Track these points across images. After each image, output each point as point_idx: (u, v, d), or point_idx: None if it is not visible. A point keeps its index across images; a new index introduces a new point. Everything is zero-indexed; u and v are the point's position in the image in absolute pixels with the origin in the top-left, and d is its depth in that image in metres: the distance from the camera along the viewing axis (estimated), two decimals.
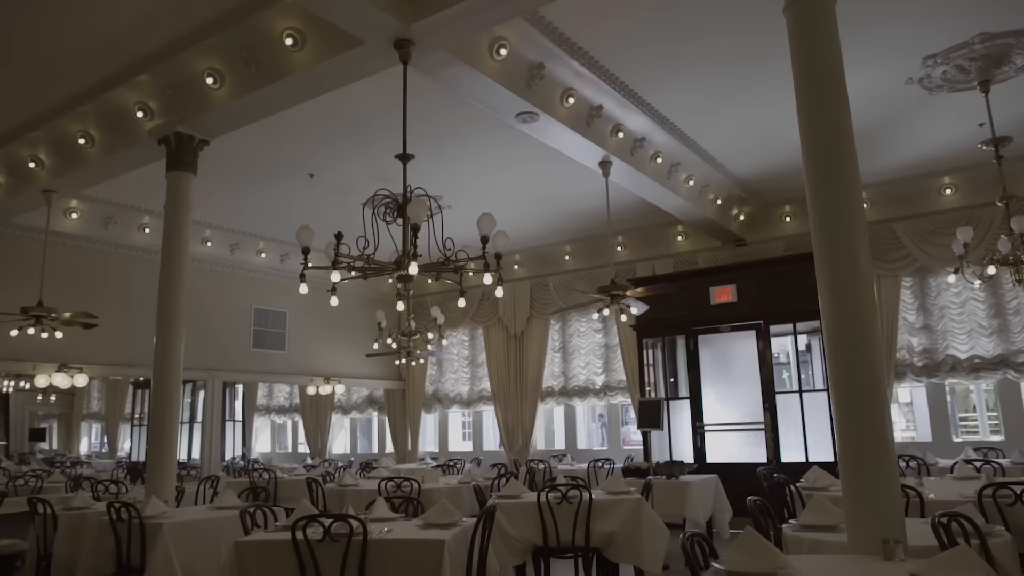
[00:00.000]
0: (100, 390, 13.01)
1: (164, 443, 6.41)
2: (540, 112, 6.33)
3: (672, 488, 7.31)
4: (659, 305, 9.86)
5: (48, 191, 8.05)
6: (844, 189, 3.46)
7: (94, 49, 6.00)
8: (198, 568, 5.12)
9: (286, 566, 3.98)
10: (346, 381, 13.35)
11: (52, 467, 10.78)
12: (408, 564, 3.95)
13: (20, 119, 7.26)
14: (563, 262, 12.37)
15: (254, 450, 14.56)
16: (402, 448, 14.11)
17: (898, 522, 3.08)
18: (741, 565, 2.68)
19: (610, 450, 11.82)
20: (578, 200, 9.78)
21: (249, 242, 11.48)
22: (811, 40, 3.61)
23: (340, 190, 9.00)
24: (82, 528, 5.72)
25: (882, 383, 3.24)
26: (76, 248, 9.65)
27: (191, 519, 5.40)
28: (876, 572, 2.65)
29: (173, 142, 6.63)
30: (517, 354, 12.87)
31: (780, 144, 8.10)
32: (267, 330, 12.18)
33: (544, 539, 5.54)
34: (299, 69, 5.58)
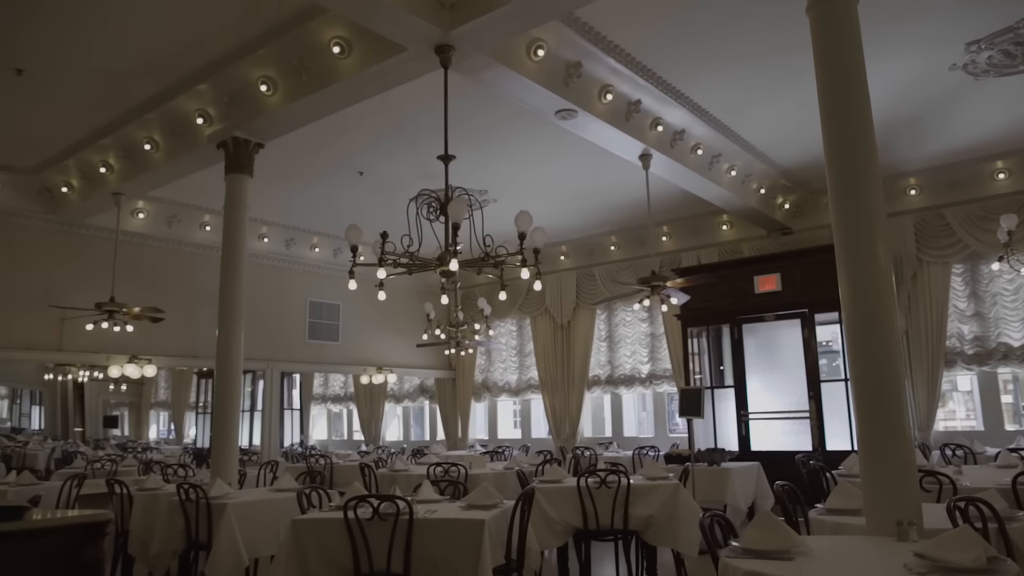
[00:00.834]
0: (167, 380, 13.72)
1: (227, 430, 6.83)
2: (579, 109, 6.50)
3: (713, 475, 7.43)
4: (703, 294, 9.94)
5: (117, 194, 8.60)
6: (865, 186, 3.56)
7: (158, 62, 6.42)
8: (259, 544, 5.48)
9: (339, 542, 4.28)
10: (398, 371, 13.74)
11: (125, 452, 11.45)
12: (450, 542, 4.20)
13: (92, 128, 7.80)
14: (608, 252, 12.50)
15: (311, 437, 15.14)
16: (453, 435, 14.47)
17: (914, 506, 3.20)
18: (756, 543, 2.85)
19: (656, 438, 11.95)
20: (620, 191, 9.90)
21: (303, 237, 11.94)
22: (833, 39, 3.70)
23: (388, 187, 9.32)
24: (155, 507, 6.13)
25: (898, 373, 3.35)
26: (143, 246, 10.22)
27: (253, 500, 5.76)
28: (884, 551, 2.79)
29: (230, 146, 7.03)
30: (564, 343, 13.07)
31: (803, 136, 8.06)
32: (321, 322, 12.64)
33: (584, 522, 5.75)
34: (346, 75, 5.88)
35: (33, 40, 6.03)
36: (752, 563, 2.66)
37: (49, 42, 6.06)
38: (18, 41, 6.03)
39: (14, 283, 9.06)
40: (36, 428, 13.28)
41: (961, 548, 2.49)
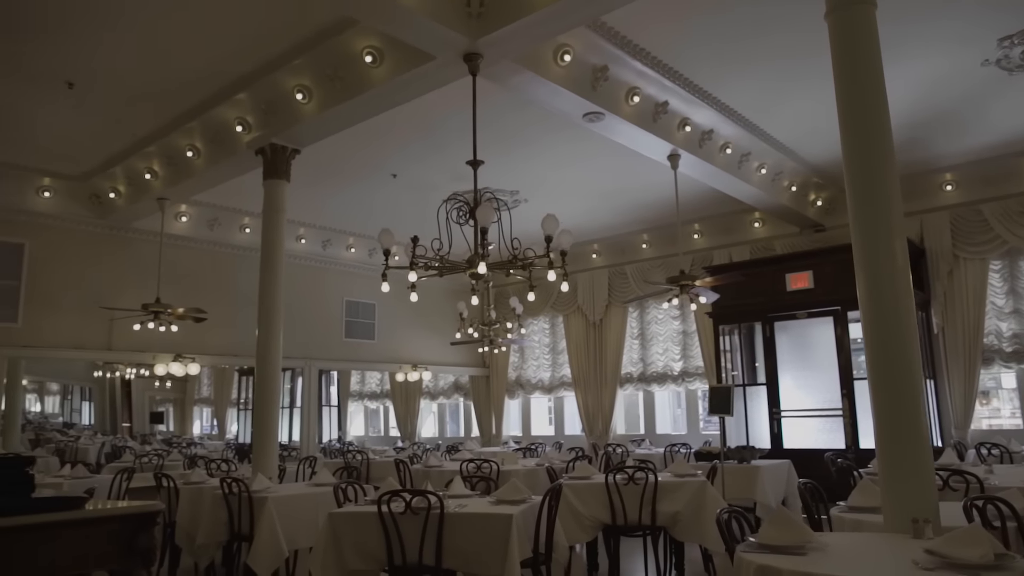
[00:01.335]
0: (210, 377, 14.14)
1: (267, 427, 7.09)
2: (606, 112, 6.59)
3: (743, 472, 7.47)
4: (734, 292, 9.95)
5: (162, 199, 8.94)
6: (883, 190, 3.60)
7: (199, 73, 6.69)
8: (298, 536, 5.70)
9: (373, 535, 4.46)
10: (432, 368, 13.96)
11: (170, 447, 11.85)
12: (480, 536, 4.35)
13: (137, 136, 8.13)
14: (640, 250, 12.55)
15: (349, 433, 15.46)
16: (487, 432, 14.65)
17: (931, 504, 3.25)
18: (771, 538, 2.94)
19: (689, 435, 11.98)
20: (651, 190, 9.95)
21: (339, 238, 12.21)
22: (851, 45, 3.75)
23: (420, 188, 9.51)
24: (199, 500, 6.39)
25: (916, 373, 3.41)
26: (186, 248, 10.57)
27: (292, 494, 5.99)
28: (898, 548, 2.86)
29: (268, 152, 7.27)
30: (596, 341, 13.15)
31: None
32: (358, 321, 12.91)
33: (612, 518, 5.86)
34: (378, 83, 6.06)
35: (83, 55, 6.33)
36: (766, 557, 2.76)
37: (97, 57, 6.36)
38: (69, 57, 6.34)
39: (66, 285, 9.46)
40: (86, 423, 13.82)
41: (970, 545, 2.56)
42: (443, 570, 4.39)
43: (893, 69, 6.53)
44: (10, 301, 9.05)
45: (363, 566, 4.55)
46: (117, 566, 2.45)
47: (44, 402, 14.07)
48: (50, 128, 7.85)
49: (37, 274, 9.28)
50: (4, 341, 8.93)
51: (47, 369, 12.32)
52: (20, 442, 10.43)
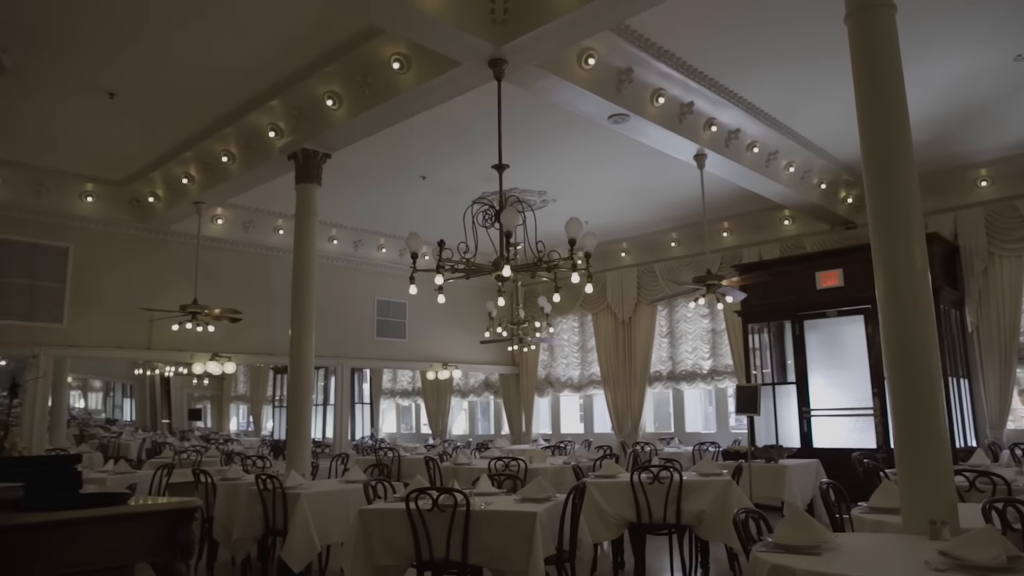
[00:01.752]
0: (246, 375, 14.48)
1: (300, 425, 7.27)
2: (631, 113, 6.64)
3: (770, 472, 7.48)
4: (763, 291, 9.91)
5: (198, 202, 9.20)
6: (903, 192, 3.61)
7: (233, 81, 6.89)
8: (330, 532, 5.86)
9: (401, 531, 4.58)
10: (463, 366, 14.10)
11: (208, 443, 12.17)
12: (505, 533, 4.45)
13: (175, 143, 8.39)
14: (669, 249, 12.54)
15: (381, 430, 15.70)
16: (517, 430, 14.76)
17: (949, 505, 3.27)
18: (787, 538, 2.99)
19: (718, 433, 11.96)
20: (678, 189, 9.96)
21: (370, 239, 12.41)
22: (871, 48, 3.76)
23: (449, 189, 9.64)
24: (236, 496, 6.59)
25: (936, 374, 3.42)
26: (222, 250, 10.85)
27: (324, 490, 6.15)
28: (913, 549, 2.89)
29: (300, 157, 7.45)
30: (625, 339, 13.18)
31: None
32: (389, 320, 13.10)
33: (637, 516, 5.92)
34: (406, 89, 6.19)
35: (123, 67, 6.57)
36: (780, 557, 2.81)
37: (137, 68, 6.60)
38: (110, 69, 6.58)
39: (108, 287, 9.79)
40: (128, 419, 14.26)
41: (982, 546, 2.59)
42: (469, 566, 4.51)
43: (924, 65, 6.54)
44: (56, 303, 9.39)
45: (392, 561, 4.68)
46: (158, 558, 2.59)
47: (88, 399, 14.55)
48: (92, 136, 8.14)
49: (81, 276, 9.61)
50: (50, 341, 9.26)
51: (90, 367, 12.74)
52: (66, 437, 10.81)
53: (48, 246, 9.41)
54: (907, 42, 5.98)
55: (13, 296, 9.04)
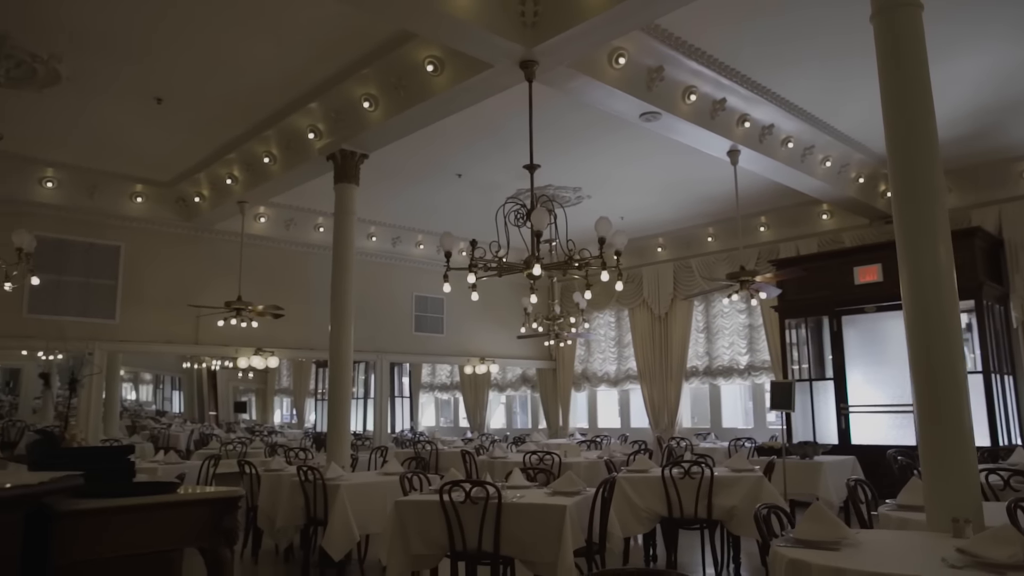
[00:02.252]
0: (289, 368, 14.86)
1: (340, 419, 7.49)
2: (663, 111, 6.68)
3: (805, 468, 7.46)
4: (801, 286, 9.84)
5: (242, 202, 9.49)
6: (929, 192, 3.63)
7: (273, 85, 7.11)
8: (369, 522, 6.05)
9: (436, 522, 4.74)
10: (500, 361, 14.24)
11: (253, 435, 12.54)
12: (535, 525, 4.57)
13: (219, 145, 8.68)
14: (705, 244, 12.49)
15: (420, 423, 15.96)
16: (554, 424, 14.86)
17: (974, 504, 3.29)
18: (807, 534, 3.05)
19: (755, 429, 11.90)
20: (713, 184, 9.91)
21: (408, 235, 12.61)
22: (896, 48, 3.77)
23: (484, 187, 9.77)
24: (279, 486, 6.83)
25: (960, 372, 3.43)
26: (265, 248, 11.16)
27: (363, 482, 6.35)
28: (933, 546, 2.92)
29: (338, 158, 7.66)
30: (662, 334, 13.18)
31: None
32: (427, 315, 13.31)
33: (668, 510, 6.00)
34: (439, 90, 6.33)
35: (169, 73, 6.84)
36: (798, 552, 2.88)
37: (182, 75, 6.86)
38: (157, 75, 6.86)
39: (156, 283, 10.16)
40: (177, 411, 14.76)
41: (1000, 544, 2.62)
42: (501, 557, 4.64)
43: (965, 57, 6.44)
44: (109, 299, 9.79)
45: (427, 551, 4.83)
46: (205, 543, 2.78)
47: (139, 391, 15.11)
48: (141, 139, 8.47)
49: (131, 274, 10.00)
50: (104, 336, 9.66)
51: (141, 361, 13.23)
52: (119, 428, 11.26)
53: (101, 245, 9.81)
54: (942, 37, 5.96)
55: (70, 293, 9.46)
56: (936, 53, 6.23)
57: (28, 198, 9.12)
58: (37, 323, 9.06)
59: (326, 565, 6.10)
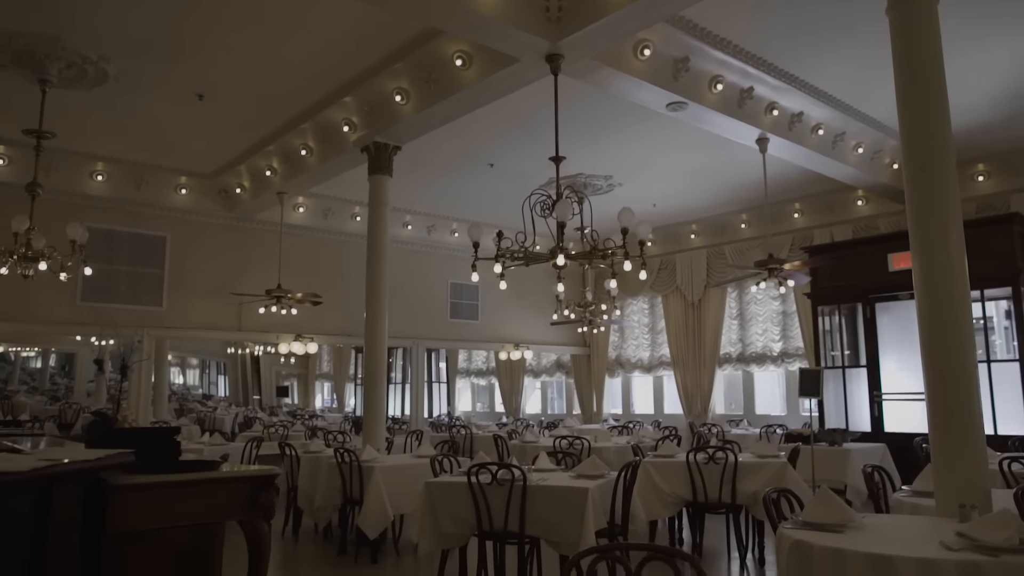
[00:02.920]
0: (329, 354, 15.26)
1: (375, 403, 7.75)
2: (689, 101, 6.73)
3: (833, 455, 7.50)
4: (833, 273, 9.80)
5: (281, 192, 9.79)
6: (942, 184, 3.67)
7: (308, 80, 7.35)
8: (402, 502, 6.29)
9: (464, 502, 4.93)
10: (534, 347, 14.41)
11: (294, 419, 12.95)
12: (559, 506, 4.74)
13: (258, 138, 8.97)
14: (739, 230, 12.46)
15: (457, 408, 16.25)
16: (588, 410, 15.01)
17: (981, 490, 3.36)
18: (814, 517, 3.17)
19: (788, 416, 11.89)
20: (745, 172, 9.90)
21: (443, 223, 12.83)
22: (911, 41, 3.80)
23: (516, 175, 9.91)
24: (317, 468, 7.12)
25: (970, 361, 3.50)
26: (304, 237, 11.48)
27: (397, 464, 6.59)
28: (935, 530, 3.01)
29: (372, 150, 7.87)
30: (695, 321, 13.20)
31: (956, 105, 7.66)
32: (462, 302, 13.53)
33: (693, 495, 6.12)
34: (468, 84, 6.48)
35: (210, 71, 7.12)
36: (803, 533, 3.00)
37: (222, 72, 7.13)
38: (198, 73, 7.14)
39: (200, 272, 10.55)
40: (222, 395, 15.30)
41: (997, 528, 2.72)
42: (527, 536, 4.83)
43: (1001, 39, 6.34)
44: (156, 288, 10.21)
45: (456, 530, 5.03)
46: (244, 517, 3.01)
47: (186, 375, 15.70)
48: (184, 133, 8.80)
49: (177, 263, 10.41)
50: (152, 323, 10.09)
51: (188, 346, 13.75)
52: (167, 411, 11.75)
53: (148, 235, 10.23)
54: (969, 23, 5.89)
55: (120, 282, 9.90)
56: (968, 38, 6.23)
57: (80, 190, 9.55)
58: (90, 310, 9.50)
59: (362, 543, 6.36)
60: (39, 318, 9.29)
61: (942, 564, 2.56)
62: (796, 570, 2.90)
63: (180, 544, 2.77)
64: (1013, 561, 2.54)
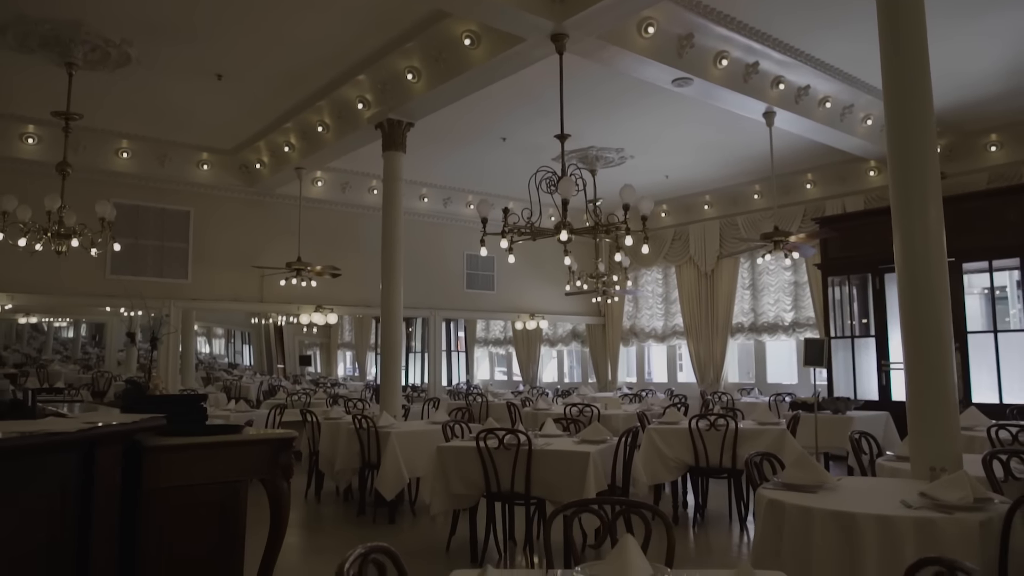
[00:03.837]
0: (351, 324, 15.62)
1: (391, 372, 8.06)
2: (694, 77, 6.84)
3: (836, 422, 7.70)
4: (844, 243, 9.90)
5: (299, 168, 10.05)
6: (922, 159, 3.83)
7: (323, 59, 7.55)
8: (417, 465, 6.60)
9: (473, 465, 5.23)
10: (549, 317, 14.65)
11: (317, 387, 13.35)
12: (562, 469, 5.01)
13: (276, 115, 9.21)
14: (752, 201, 12.53)
15: (475, 377, 16.59)
16: (603, 378, 15.28)
17: (953, 455, 3.57)
18: (791, 478, 3.40)
19: (799, 385, 12.07)
20: (755, 144, 9.93)
21: (458, 196, 13.03)
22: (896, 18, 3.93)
23: (529, 148, 10.05)
24: (337, 433, 7.45)
25: (947, 334, 3.67)
26: (322, 210, 11.75)
27: (412, 430, 6.91)
28: (901, 490, 3.23)
29: (386, 126, 8.08)
30: (708, 291, 13.35)
31: (969, 75, 7.78)
32: (478, 273, 13.77)
33: (696, 460, 6.38)
34: (477, 63, 6.65)
35: (229, 52, 7.34)
36: (778, 493, 3.23)
37: (239, 52, 7.34)
38: (217, 54, 7.37)
39: (223, 245, 10.89)
40: (247, 364, 15.75)
41: (953, 488, 2.94)
42: (532, 497, 5.12)
43: (1005, 10, 6.37)
44: (181, 261, 10.58)
45: (466, 491, 5.34)
46: (266, 476, 3.30)
47: (212, 345, 16.16)
48: (205, 112, 9.06)
49: (201, 237, 10.74)
50: (178, 295, 10.47)
51: (213, 317, 14.17)
52: (195, 379, 12.20)
53: (173, 210, 10.56)
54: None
55: (147, 256, 10.27)
56: (980, 5, 6.25)
57: (106, 167, 9.88)
58: (119, 283, 9.89)
59: (380, 504, 6.71)
60: (71, 291, 9.69)
61: (900, 520, 2.79)
62: (770, 526, 3.15)
63: (208, 500, 3.07)
64: (965, 518, 2.76)
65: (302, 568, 5.32)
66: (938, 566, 1.74)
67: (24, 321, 11.92)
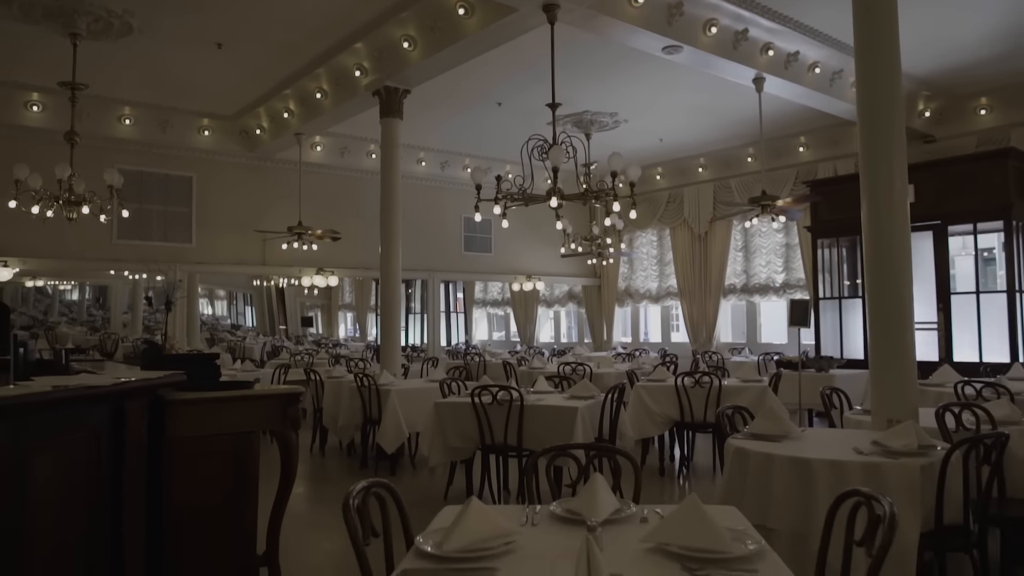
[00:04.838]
0: (351, 286, 15.91)
1: (390, 332, 8.36)
2: (684, 45, 6.99)
3: (820, 380, 7.97)
4: (833, 206, 10.11)
5: (298, 134, 10.22)
6: (889, 133, 4.07)
7: (322, 27, 7.69)
8: (416, 421, 6.90)
9: (469, 420, 5.54)
10: (546, 278, 14.92)
11: (319, 347, 13.68)
12: (552, 423, 5.32)
13: (275, 82, 9.35)
14: (745, 164, 12.70)
15: (474, 337, 16.93)
16: (598, 338, 15.61)
17: (909, 408, 3.87)
18: (759, 429, 3.69)
19: (789, 345, 12.37)
20: (748, 108, 10.01)
21: (456, 159, 13.19)
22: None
23: (524, 113, 10.19)
24: (340, 391, 7.74)
25: (907, 297, 3.94)
26: (322, 175, 11.94)
27: (411, 387, 7.21)
28: (856, 440, 3.53)
29: (383, 94, 8.25)
30: (701, 253, 13.60)
31: (962, 37, 7.90)
32: (475, 235, 14.00)
33: (681, 415, 6.70)
34: (471, 32, 6.81)
35: (227, 21, 7.47)
36: (745, 442, 3.53)
37: (238, 21, 7.48)
38: (216, 23, 7.51)
39: (226, 210, 11.11)
40: (250, 325, 16.07)
41: (900, 436, 3.24)
42: (524, 449, 5.44)
43: None
44: (185, 225, 10.81)
45: (462, 444, 5.66)
46: (275, 427, 3.60)
47: (215, 306, 16.45)
48: (206, 79, 9.21)
49: (203, 201, 10.96)
50: (183, 259, 10.73)
51: (216, 280, 14.43)
52: (200, 340, 12.51)
53: (176, 176, 10.76)
54: None
55: (152, 221, 10.51)
56: None
57: (110, 134, 10.05)
58: (126, 248, 10.14)
59: (381, 457, 7.05)
60: (78, 255, 9.94)
61: (850, 465, 3.09)
62: (736, 472, 3.45)
63: (224, 448, 3.36)
64: (908, 463, 3.06)
65: (309, 515, 5.68)
66: (857, 497, 2.03)
67: (31, 284, 12.18)
